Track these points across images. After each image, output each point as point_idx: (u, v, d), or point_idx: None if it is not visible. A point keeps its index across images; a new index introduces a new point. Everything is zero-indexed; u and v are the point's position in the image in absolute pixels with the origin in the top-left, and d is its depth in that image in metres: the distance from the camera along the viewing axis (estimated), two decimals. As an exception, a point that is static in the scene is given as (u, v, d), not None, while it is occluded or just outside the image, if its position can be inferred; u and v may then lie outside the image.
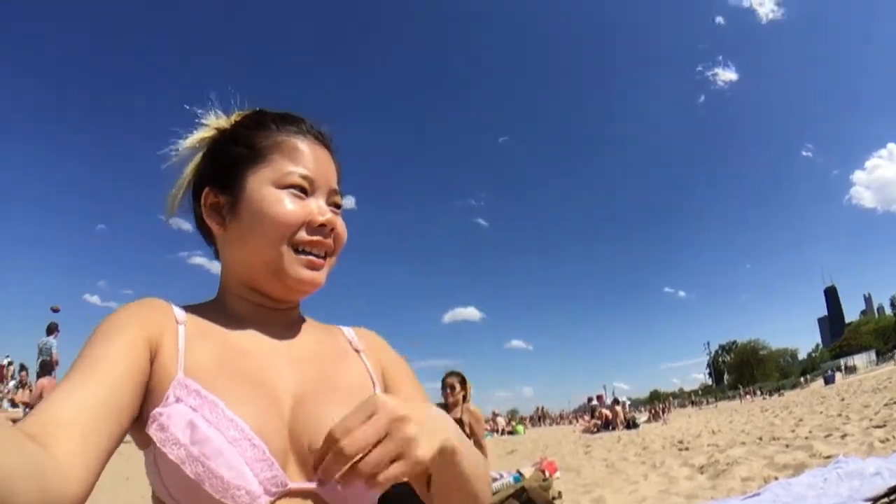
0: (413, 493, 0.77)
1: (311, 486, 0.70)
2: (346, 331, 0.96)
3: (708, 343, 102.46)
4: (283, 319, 0.89)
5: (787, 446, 5.61)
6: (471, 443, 0.76)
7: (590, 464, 7.02)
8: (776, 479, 3.82)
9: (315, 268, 0.83)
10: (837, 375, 40.29)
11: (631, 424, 17.78)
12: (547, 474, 4.72)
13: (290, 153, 0.84)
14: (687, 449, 7.27)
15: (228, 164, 0.85)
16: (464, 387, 5.53)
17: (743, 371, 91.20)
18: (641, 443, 9.69)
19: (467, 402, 5.55)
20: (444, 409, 5.38)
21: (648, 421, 22.15)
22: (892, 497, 2.73)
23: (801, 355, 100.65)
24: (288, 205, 0.80)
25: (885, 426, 5.92)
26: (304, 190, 0.83)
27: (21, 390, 13.12)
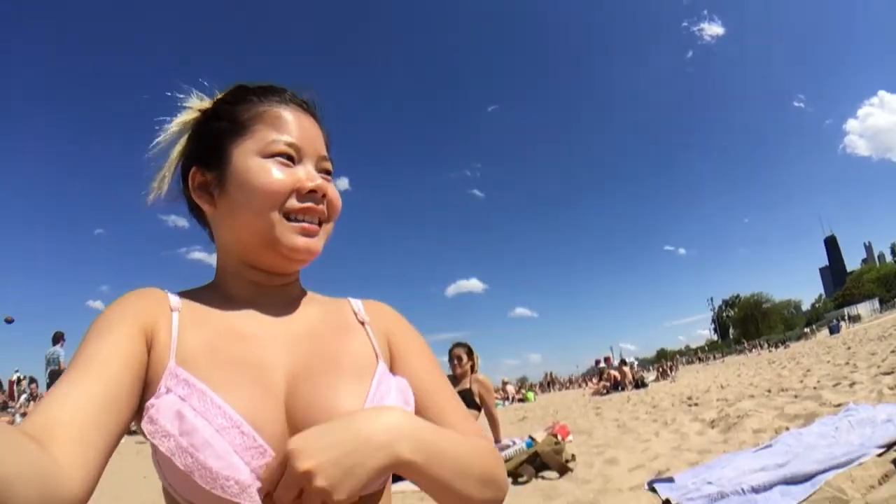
0: None
1: None
2: (353, 303, 0.94)
3: (711, 299, 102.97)
4: (282, 296, 0.88)
5: (795, 397, 5.65)
6: (451, 434, 0.75)
7: (601, 425, 7.10)
8: (787, 429, 3.85)
9: (309, 234, 0.81)
10: (842, 325, 40.53)
11: (640, 384, 17.94)
12: (559, 438, 4.76)
13: (273, 122, 0.82)
14: (696, 405, 7.33)
15: (212, 140, 0.84)
16: (471, 357, 5.58)
17: (748, 325, 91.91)
18: (651, 401, 9.78)
19: (475, 372, 5.60)
20: (452, 380, 5.45)
21: (657, 379, 22.37)
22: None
23: (805, 306, 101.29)
24: (274, 173, 0.79)
25: (893, 373, 5.96)
26: (290, 158, 0.81)
27: (33, 403, 13.18)
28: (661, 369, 26.93)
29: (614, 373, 19.07)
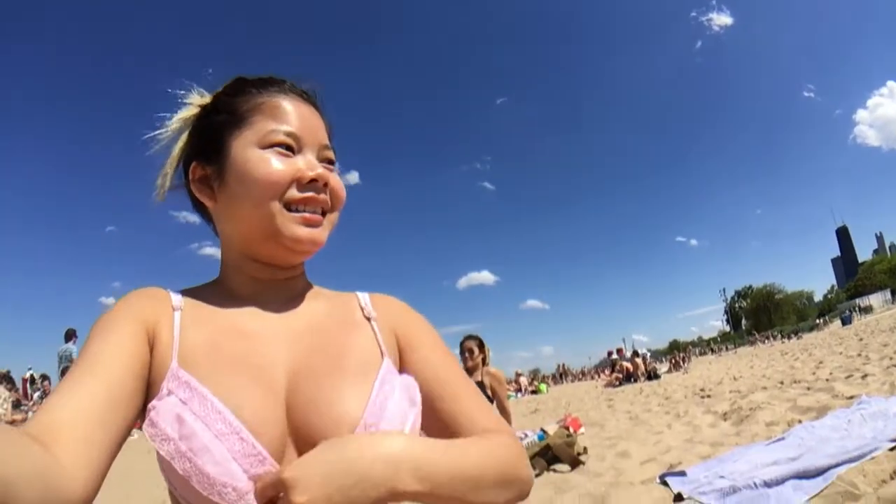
0: None
1: None
2: (360, 297, 0.90)
3: (723, 289, 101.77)
4: (286, 291, 0.86)
5: (808, 389, 5.63)
6: (458, 446, 0.71)
7: (614, 417, 7.11)
8: (800, 422, 3.85)
9: (312, 224, 0.79)
10: (854, 316, 40.22)
11: (652, 375, 17.89)
12: (571, 430, 4.78)
13: (272, 113, 0.80)
14: (709, 396, 7.32)
15: (211, 133, 0.82)
16: (482, 350, 5.58)
17: (760, 316, 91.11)
18: (664, 393, 9.77)
19: (487, 364, 5.62)
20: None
21: (669, 371, 22.29)
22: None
23: (818, 297, 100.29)
24: (274, 163, 0.77)
25: (906, 364, 5.92)
26: (290, 148, 0.79)
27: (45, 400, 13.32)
28: (673, 361, 26.83)
29: (627, 364, 19.04)
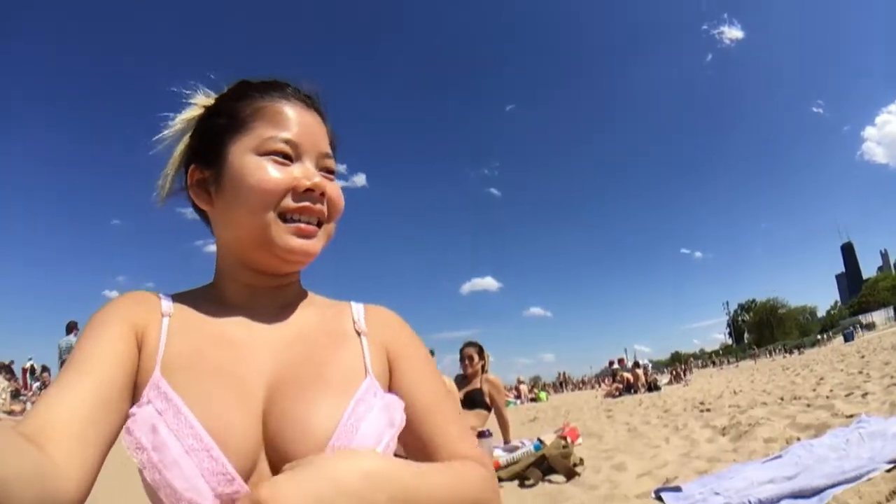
0: None
1: None
2: (354, 309, 0.89)
3: (727, 302, 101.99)
4: (279, 299, 0.85)
5: (808, 406, 5.60)
6: (432, 471, 0.71)
7: (612, 428, 7.08)
8: (798, 439, 3.83)
9: (305, 235, 0.78)
10: (856, 332, 40.15)
11: (653, 387, 17.84)
12: (569, 441, 4.77)
13: (272, 118, 0.80)
14: (708, 410, 7.28)
15: (211, 137, 0.82)
16: (482, 357, 5.59)
17: (763, 330, 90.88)
18: (663, 405, 9.73)
19: (486, 372, 5.62)
20: (463, 380, 5.45)
21: (670, 383, 22.25)
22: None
23: (821, 313, 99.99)
24: (269, 171, 0.76)
25: (907, 383, 5.88)
26: (287, 156, 0.79)
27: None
28: (674, 372, 26.76)
29: (627, 375, 18.98)
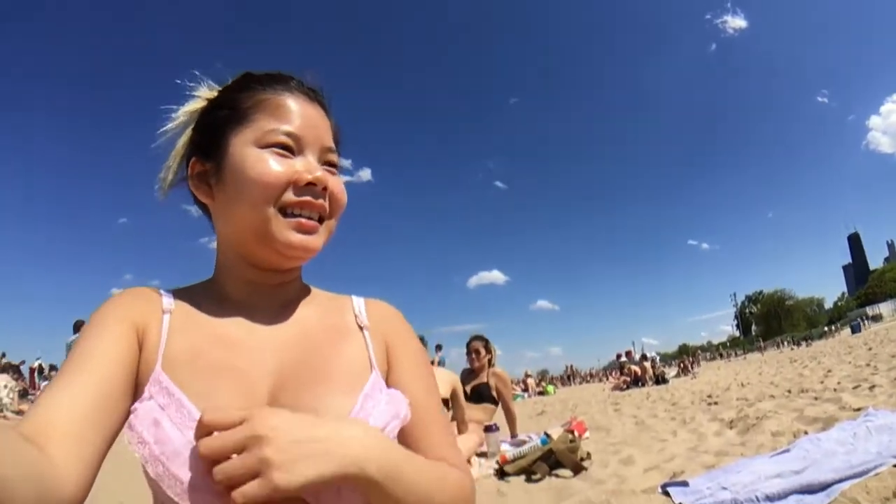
0: None
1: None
2: (356, 303, 0.89)
3: (734, 294, 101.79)
4: (279, 296, 0.85)
5: (816, 399, 5.58)
6: (421, 461, 0.72)
7: (619, 422, 7.08)
8: (806, 433, 3.82)
9: (306, 231, 0.77)
10: (863, 324, 39.97)
11: (660, 380, 17.77)
12: (576, 434, 4.77)
13: (274, 111, 0.79)
14: (716, 403, 7.26)
15: (212, 129, 0.81)
16: (489, 351, 5.61)
17: (770, 321, 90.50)
18: (671, 398, 9.71)
19: (493, 365, 5.63)
20: (470, 374, 5.46)
21: (678, 375, 22.15)
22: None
23: (828, 304, 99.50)
24: (270, 164, 0.75)
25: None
26: (289, 148, 0.78)
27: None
28: (682, 365, 26.66)
29: (635, 368, 18.92)
